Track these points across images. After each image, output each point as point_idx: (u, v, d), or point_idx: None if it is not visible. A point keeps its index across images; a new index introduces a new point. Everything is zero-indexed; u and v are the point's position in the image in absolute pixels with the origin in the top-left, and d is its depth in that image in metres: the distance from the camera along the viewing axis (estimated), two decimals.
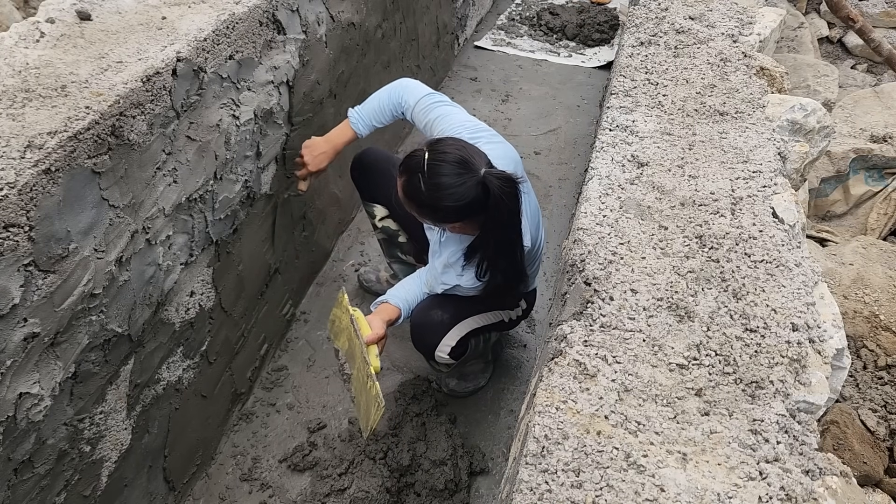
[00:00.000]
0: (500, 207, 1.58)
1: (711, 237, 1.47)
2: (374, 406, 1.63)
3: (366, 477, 1.89)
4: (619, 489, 1.03)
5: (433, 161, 1.56)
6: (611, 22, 4.42)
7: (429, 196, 1.58)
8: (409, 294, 1.91)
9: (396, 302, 1.87)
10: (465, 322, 1.91)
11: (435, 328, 1.87)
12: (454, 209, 1.58)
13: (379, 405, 1.61)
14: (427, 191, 1.57)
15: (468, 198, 1.56)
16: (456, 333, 1.89)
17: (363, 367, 1.68)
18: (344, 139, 2.00)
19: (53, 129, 1.26)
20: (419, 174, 1.56)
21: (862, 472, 1.97)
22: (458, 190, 1.55)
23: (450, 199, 1.56)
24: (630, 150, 1.73)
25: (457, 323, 1.89)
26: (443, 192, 1.56)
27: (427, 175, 1.56)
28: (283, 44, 2.02)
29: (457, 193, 1.55)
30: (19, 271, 1.20)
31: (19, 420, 1.26)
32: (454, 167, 1.55)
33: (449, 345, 1.88)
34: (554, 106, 3.76)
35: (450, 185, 1.55)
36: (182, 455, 1.88)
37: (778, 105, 1.89)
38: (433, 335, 1.88)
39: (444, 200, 1.57)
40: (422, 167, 1.56)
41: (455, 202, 1.56)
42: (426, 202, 1.60)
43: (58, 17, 1.59)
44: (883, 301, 2.47)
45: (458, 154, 1.57)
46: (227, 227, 1.90)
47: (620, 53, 2.24)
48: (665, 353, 1.24)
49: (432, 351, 1.90)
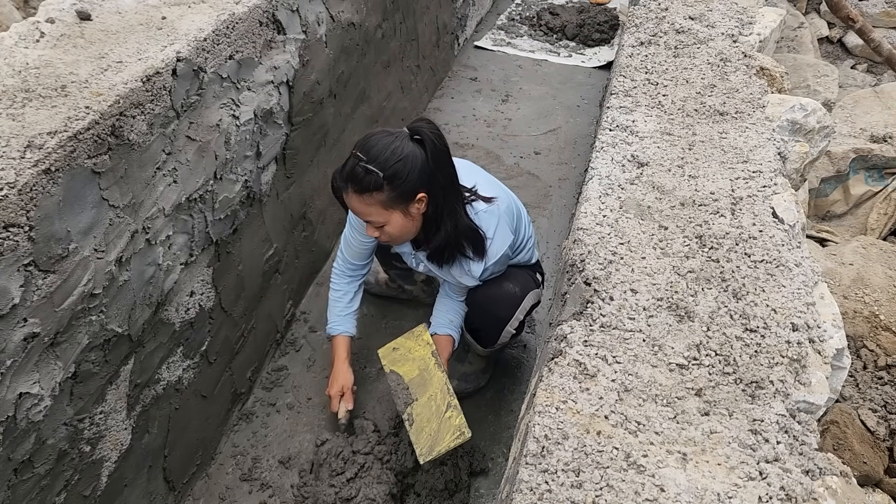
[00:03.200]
0: (436, 148, 1.66)
1: (711, 237, 1.47)
2: (450, 434, 1.75)
3: (373, 484, 1.88)
4: (619, 489, 1.03)
5: (361, 147, 1.65)
6: (611, 22, 4.42)
7: (378, 169, 1.61)
8: (450, 317, 2.01)
9: (444, 330, 1.99)
10: (530, 294, 1.98)
11: (510, 299, 1.93)
12: (405, 168, 1.63)
13: (463, 434, 1.74)
14: (374, 164, 1.61)
15: (408, 150, 1.63)
16: (525, 305, 1.96)
17: (441, 396, 1.81)
18: (339, 349, 2.08)
19: (53, 129, 1.26)
20: (358, 164, 1.63)
21: (862, 472, 1.97)
22: (395, 146, 1.63)
23: (394, 157, 1.62)
24: (630, 150, 1.73)
25: (526, 294, 1.95)
26: (385, 153, 1.62)
27: (365, 157, 1.63)
28: (283, 44, 2.02)
29: (396, 150, 1.62)
30: (19, 271, 1.20)
31: (19, 420, 1.26)
32: (381, 135, 1.66)
33: (519, 318, 1.95)
34: (554, 106, 3.76)
35: (386, 146, 1.63)
36: (182, 455, 1.88)
37: (778, 105, 1.89)
38: (509, 307, 1.94)
39: (391, 161, 1.62)
40: (357, 157, 1.64)
41: (400, 157, 1.62)
42: (380, 178, 1.62)
43: (58, 17, 1.59)
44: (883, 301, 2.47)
45: (378, 129, 1.71)
46: (227, 227, 1.90)
47: (620, 53, 2.24)
48: (665, 353, 1.24)
49: (504, 324, 1.94)
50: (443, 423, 1.75)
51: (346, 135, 2.65)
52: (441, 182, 1.70)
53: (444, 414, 1.76)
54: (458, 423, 1.74)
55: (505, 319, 1.93)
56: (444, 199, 1.72)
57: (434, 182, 1.68)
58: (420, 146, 1.65)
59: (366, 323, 2.49)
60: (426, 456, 1.76)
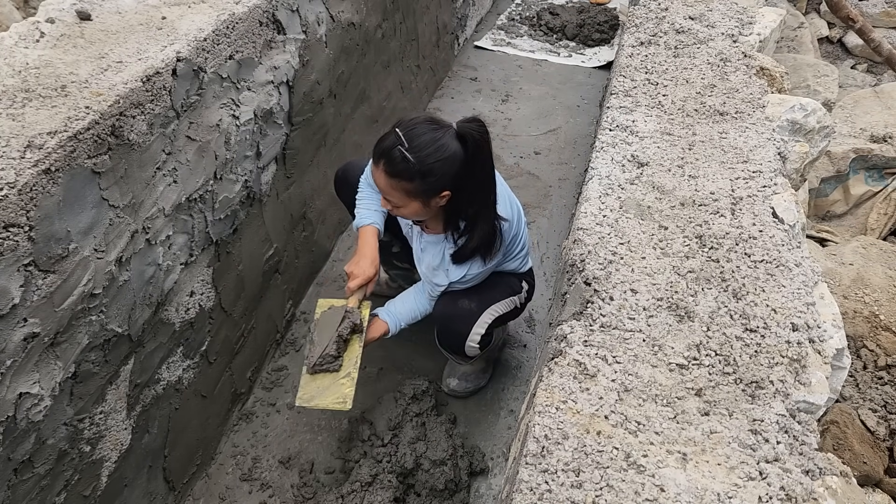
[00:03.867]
0: (480, 153, 1.62)
1: (711, 237, 1.47)
2: (334, 397, 1.77)
3: (377, 491, 1.88)
4: (619, 489, 1.03)
5: (407, 130, 1.59)
6: (611, 22, 4.42)
7: (416, 162, 1.58)
8: (400, 309, 1.98)
9: (385, 317, 1.96)
10: (491, 309, 1.94)
11: (465, 317, 1.91)
12: (442, 167, 1.59)
13: (345, 403, 1.75)
14: (413, 156, 1.58)
15: (451, 150, 1.59)
16: (485, 320, 1.92)
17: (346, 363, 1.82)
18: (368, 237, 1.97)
19: (53, 129, 1.26)
20: (398, 147, 1.58)
21: (862, 472, 1.97)
22: (441, 143, 1.58)
23: (435, 155, 1.58)
24: (630, 150, 1.73)
25: (484, 310, 1.92)
26: (428, 149, 1.58)
27: (407, 143, 1.58)
28: (283, 44, 2.02)
29: (440, 147, 1.58)
30: (19, 271, 1.20)
31: (19, 420, 1.26)
32: (428, 125, 1.60)
33: (479, 332, 1.91)
34: (554, 106, 3.76)
35: (432, 141, 1.58)
36: (182, 455, 1.88)
37: (778, 105, 1.89)
38: (464, 324, 1.91)
39: (431, 158, 1.58)
40: (399, 140, 1.58)
41: (441, 157, 1.58)
42: (415, 170, 1.59)
43: (58, 17, 1.59)
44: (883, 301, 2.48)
45: (426, 116, 1.64)
46: (227, 227, 1.90)
47: (620, 53, 2.24)
48: (665, 353, 1.24)
49: (464, 340, 1.92)
50: (334, 384, 1.79)
51: (346, 135, 2.65)
52: (471, 186, 1.67)
53: (340, 378, 1.80)
54: (347, 392, 1.77)
55: (463, 335, 1.91)
56: (469, 201, 1.70)
57: (464, 184, 1.66)
58: (463, 147, 1.61)
59: None
60: (303, 403, 1.79)
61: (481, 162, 1.65)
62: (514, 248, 1.95)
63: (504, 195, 1.86)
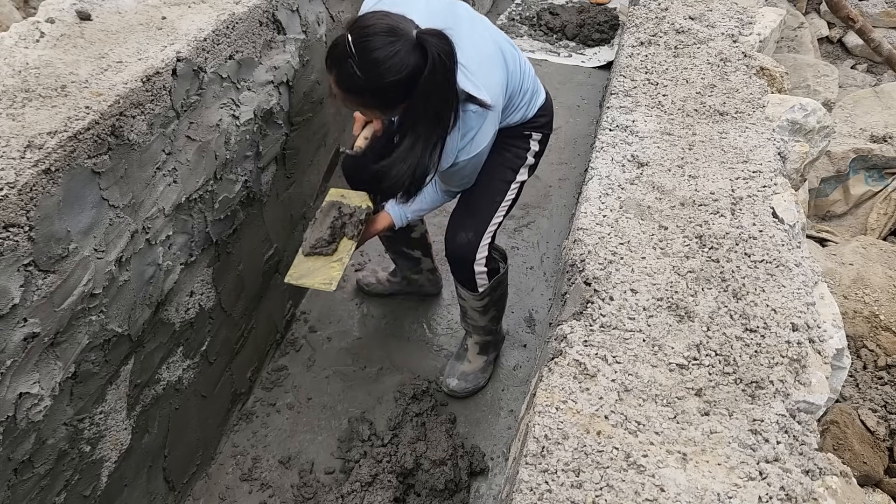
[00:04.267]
0: (438, 68, 1.46)
1: (711, 237, 1.47)
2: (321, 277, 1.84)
3: (377, 491, 1.88)
4: (619, 489, 1.03)
5: (359, 39, 1.45)
6: (611, 22, 4.42)
7: (367, 79, 1.46)
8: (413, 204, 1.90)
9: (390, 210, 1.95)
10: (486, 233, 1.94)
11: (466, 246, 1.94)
12: (397, 83, 1.47)
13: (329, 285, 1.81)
14: (363, 73, 1.45)
15: (409, 65, 1.45)
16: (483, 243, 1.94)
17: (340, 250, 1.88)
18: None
19: (53, 129, 1.26)
20: (349, 60, 1.45)
21: (862, 472, 1.97)
22: (396, 60, 1.44)
23: (390, 72, 1.44)
24: (630, 150, 1.73)
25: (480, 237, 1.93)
26: (381, 67, 1.44)
27: (358, 57, 1.44)
28: (283, 44, 2.02)
29: (396, 64, 1.44)
30: (19, 271, 1.20)
31: (19, 420, 1.26)
32: (384, 37, 1.44)
33: (483, 253, 1.94)
34: (554, 106, 3.75)
35: (386, 58, 1.43)
36: (182, 455, 1.88)
37: (778, 105, 1.89)
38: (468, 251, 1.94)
39: (385, 76, 1.45)
40: (349, 51, 1.45)
41: (396, 74, 1.45)
42: (367, 87, 1.48)
43: (58, 17, 1.59)
44: (883, 301, 2.48)
45: (384, 23, 1.46)
46: (227, 227, 1.90)
47: (620, 53, 2.24)
48: (665, 353, 1.24)
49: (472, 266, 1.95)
50: (325, 266, 1.85)
51: (346, 135, 2.65)
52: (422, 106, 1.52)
53: (332, 262, 1.86)
54: (334, 275, 1.82)
55: (470, 261, 1.95)
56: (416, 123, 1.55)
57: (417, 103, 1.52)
58: (423, 60, 1.45)
59: (366, 323, 2.49)
60: (293, 280, 1.86)
61: (441, 79, 1.49)
62: (516, 100, 1.88)
63: (493, 54, 1.74)
